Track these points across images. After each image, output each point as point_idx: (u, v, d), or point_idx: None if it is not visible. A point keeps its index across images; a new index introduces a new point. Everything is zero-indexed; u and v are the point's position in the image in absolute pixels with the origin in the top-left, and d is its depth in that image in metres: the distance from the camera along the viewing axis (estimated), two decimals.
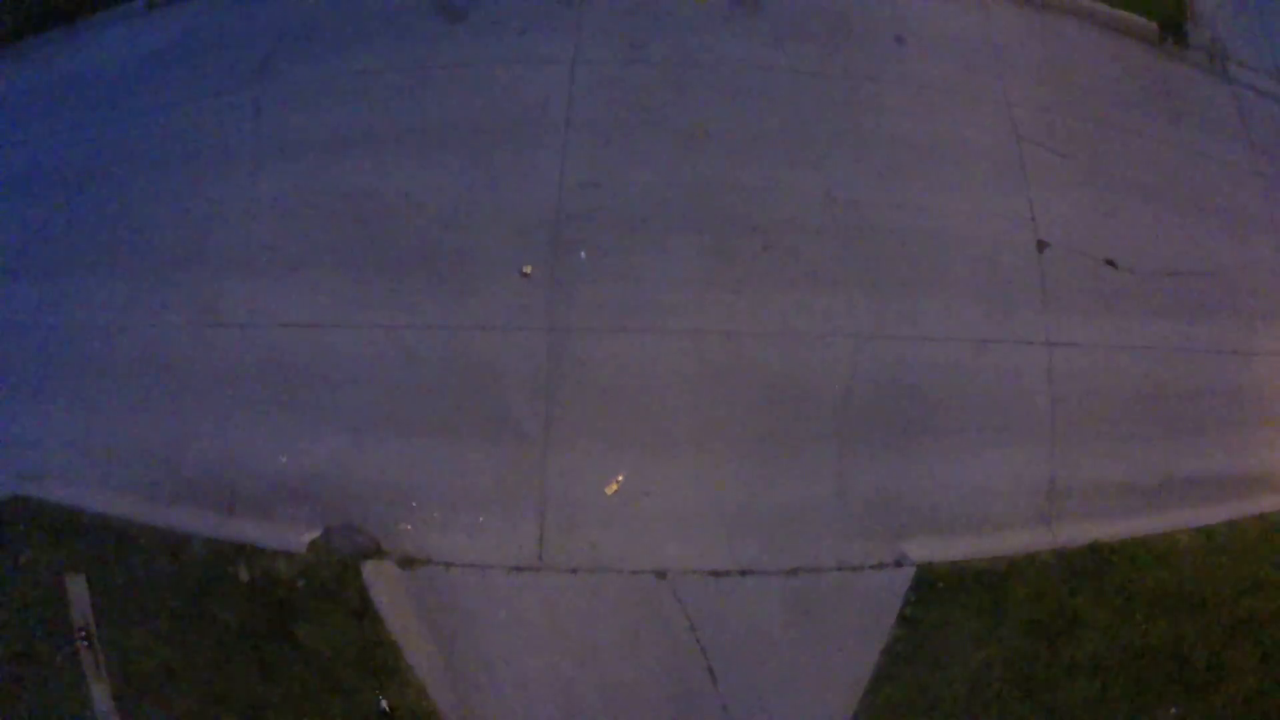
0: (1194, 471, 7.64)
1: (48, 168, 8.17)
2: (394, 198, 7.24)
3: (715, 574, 6.60)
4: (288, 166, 7.50)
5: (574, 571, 6.56)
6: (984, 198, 7.54)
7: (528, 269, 6.84)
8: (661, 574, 6.61)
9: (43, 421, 7.33)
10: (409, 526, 6.65)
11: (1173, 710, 7.42)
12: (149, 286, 7.41)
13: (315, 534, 6.76)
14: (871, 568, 6.72)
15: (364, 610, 6.62)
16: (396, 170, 7.31)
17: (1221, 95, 8.86)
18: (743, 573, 6.61)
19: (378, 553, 6.72)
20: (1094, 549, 7.28)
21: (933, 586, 6.78)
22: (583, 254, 6.90)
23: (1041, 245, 7.62)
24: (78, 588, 7.20)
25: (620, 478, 6.53)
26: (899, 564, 6.78)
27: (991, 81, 8.03)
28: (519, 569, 6.57)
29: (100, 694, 6.95)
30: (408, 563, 6.66)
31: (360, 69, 7.64)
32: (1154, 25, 8.85)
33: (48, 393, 7.39)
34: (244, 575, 6.97)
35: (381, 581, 6.65)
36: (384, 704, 6.62)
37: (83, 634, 6.95)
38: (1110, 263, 7.79)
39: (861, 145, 7.47)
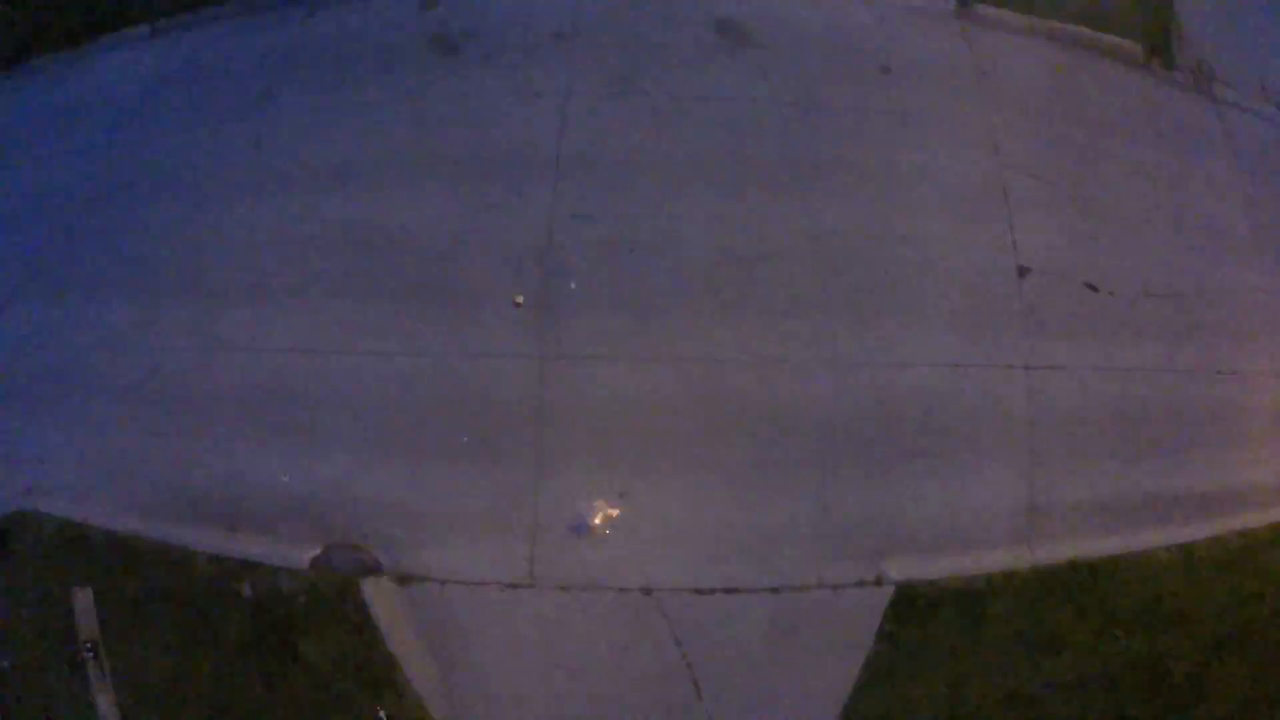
0: (1174, 489, 7.71)
1: (51, 191, 8.37)
2: (390, 228, 7.46)
3: (700, 592, 6.79)
4: (287, 196, 7.72)
5: (565, 589, 6.76)
6: (966, 226, 7.65)
7: (519, 299, 7.04)
8: (648, 591, 6.80)
9: (49, 438, 7.56)
10: (406, 545, 6.88)
11: None
12: (152, 309, 7.63)
13: (316, 552, 6.99)
14: (852, 586, 6.87)
15: (363, 625, 6.85)
16: (393, 201, 7.53)
17: (1207, 115, 8.90)
18: (727, 590, 6.79)
19: (376, 570, 6.94)
20: (1073, 566, 7.43)
21: (913, 604, 6.93)
22: (573, 284, 7.09)
23: (1022, 271, 7.74)
24: (84, 601, 7.35)
25: (614, 512, 6.77)
26: (879, 582, 6.94)
27: (976, 109, 8.14)
28: (512, 586, 6.77)
29: (105, 705, 7.14)
30: (405, 580, 6.89)
31: (357, 101, 7.87)
32: (1139, 47, 8.92)
33: (54, 411, 7.60)
34: (247, 591, 7.22)
35: (380, 598, 6.88)
36: (382, 715, 6.85)
37: (89, 646, 7.13)
38: (1091, 286, 7.89)
39: (846, 175, 7.60)
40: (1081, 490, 7.48)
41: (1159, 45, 9.01)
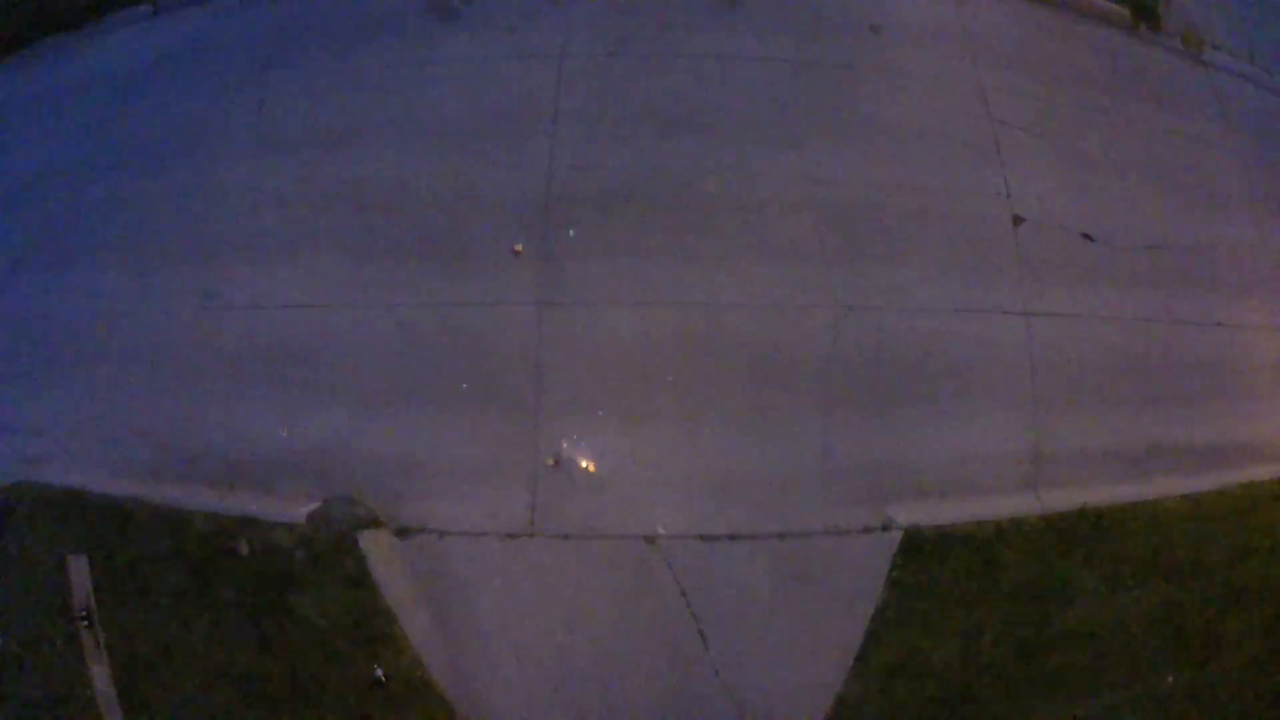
0: (1179, 440, 7.49)
1: (54, 166, 8.18)
2: (390, 185, 7.28)
3: (704, 539, 6.51)
4: (288, 158, 7.54)
5: (565, 538, 6.47)
6: (959, 175, 7.48)
7: (518, 247, 6.85)
8: (651, 539, 6.52)
9: (47, 409, 7.32)
10: (405, 497, 6.61)
11: (1169, 679, 7.24)
12: (153, 274, 7.42)
13: (314, 505, 6.70)
14: (859, 532, 6.60)
15: (361, 579, 6.54)
16: (392, 160, 7.35)
17: (1197, 78, 8.78)
18: (731, 537, 6.51)
19: (374, 523, 6.64)
20: (1083, 514, 7.18)
21: (920, 549, 6.64)
22: (571, 232, 6.91)
23: (1017, 220, 7.61)
24: (79, 569, 7.05)
25: (613, 458, 6.48)
26: (886, 528, 6.65)
27: (966, 67, 8.02)
28: (512, 536, 6.49)
29: (100, 676, 6.83)
30: (403, 532, 6.60)
31: (358, 66, 7.75)
32: (1126, 11, 8.80)
33: (52, 381, 7.36)
34: (244, 549, 6.95)
35: (378, 551, 6.58)
36: (379, 673, 6.49)
37: (83, 615, 6.84)
38: (1087, 236, 7.79)
39: (839, 128, 7.46)
40: (1087, 437, 7.27)
41: (1147, 9, 8.96)
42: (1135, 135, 8.20)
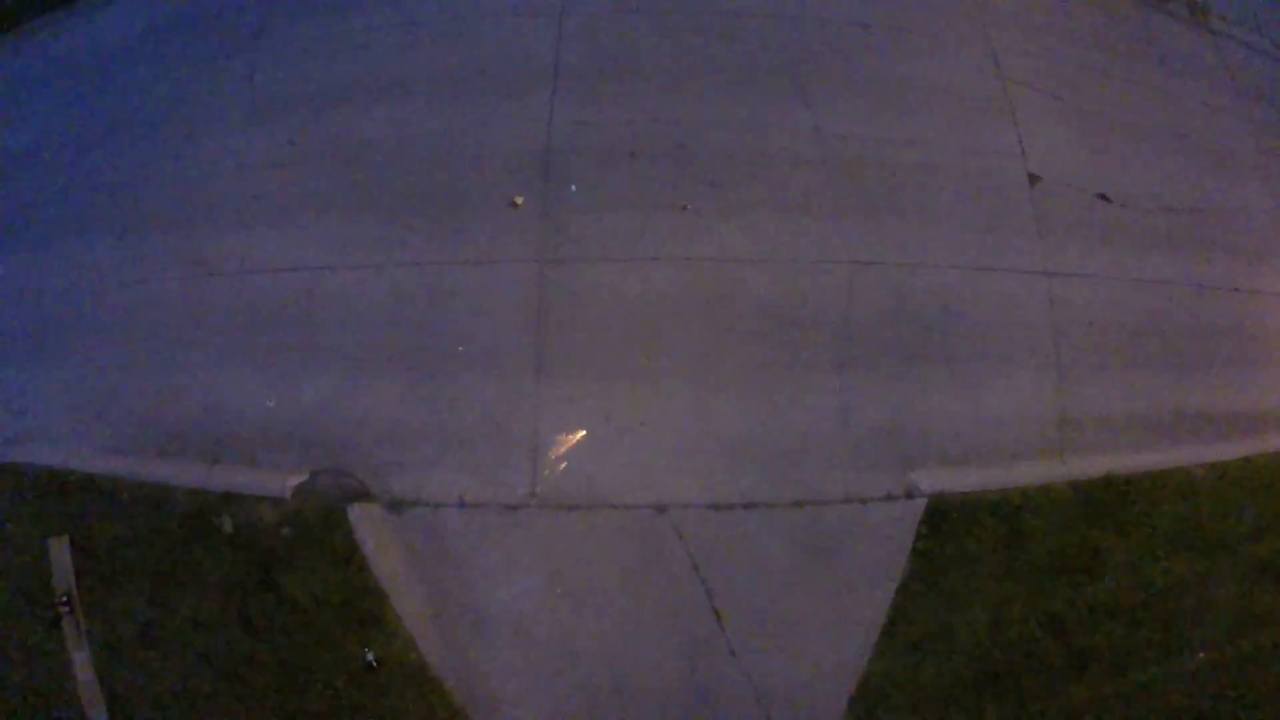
0: (1203, 406, 6.76)
1: (46, 142, 7.53)
2: (382, 144, 6.53)
3: (717, 507, 5.68)
4: (279, 121, 6.82)
5: (569, 509, 5.63)
6: (971, 132, 6.77)
7: (518, 199, 6.10)
8: (661, 508, 5.68)
9: (31, 388, 6.60)
10: (397, 468, 5.74)
11: (1200, 655, 6.48)
12: (140, 244, 6.71)
13: (301, 479, 5.87)
14: (881, 499, 5.79)
15: (350, 556, 5.68)
16: (386, 119, 6.63)
17: (1204, 45, 8.14)
18: (746, 506, 5.67)
19: (365, 496, 5.79)
20: (1109, 481, 6.41)
21: (946, 518, 5.86)
22: (573, 187, 6.14)
23: (1033, 179, 6.88)
24: (60, 551, 6.35)
25: (620, 423, 5.66)
26: (909, 495, 5.84)
27: (976, 28, 7.31)
28: (512, 507, 5.65)
29: (81, 663, 6.08)
30: (396, 505, 5.74)
31: (349, 27, 7.05)
32: None
33: (37, 359, 6.64)
34: (227, 526, 6.12)
35: (368, 525, 5.72)
36: (370, 657, 5.62)
37: (64, 600, 6.12)
38: (1103, 197, 7.05)
39: (848, 84, 6.77)
40: (1110, 402, 6.51)
41: None
42: (1146, 98, 7.52)
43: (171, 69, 7.49)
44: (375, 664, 5.63)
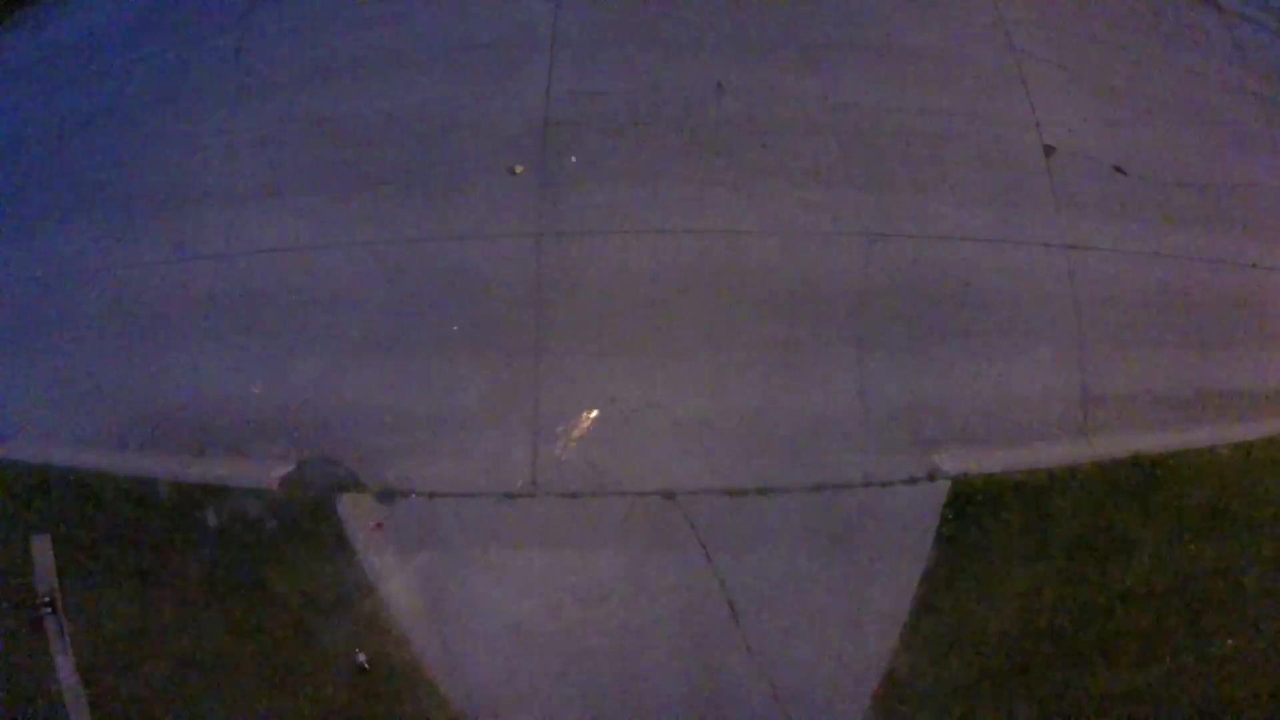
0: (1225, 385, 6.18)
1: (31, 132, 6.91)
2: (373, 118, 5.94)
3: (730, 493, 5.05)
4: (268, 99, 6.21)
5: (573, 496, 5.00)
6: (984, 102, 6.20)
7: (518, 168, 5.50)
8: (670, 495, 5.05)
9: (12, 382, 5.97)
10: (389, 454, 5.11)
11: (1229, 642, 5.91)
12: (124, 229, 6.08)
13: (288, 468, 5.23)
14: (902, 482, 5.17)
15: (339, 550, 5.03)
16: (378, 93, 6.04)
17: (1213, 22, 7.56)
18: (761, 491, 5.05)
19: (354, 485, 5.13)
20: (1135, 462, 5.82)
21: (970, 501, 5.24)
22: (573, 158, 5.54)
23: (1049, 150, 6.33)
24: (42, 550, 5.74)
25: (626, 405, 5.06)
26: (932, 478, 5.22)
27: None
28: (511, 496, 5.01)
29: (65, 667, 5.46)
30: (387, 495, 5.09)
31: (340, 2, 6.47)
32: None
33: (18, 352, 6.02)
34: (212, 521, 5.48)
35: (358, 517, 5.07)
36: (361, 658, 4.96)
37: (47, 602, 5.52)
38: (1119, 169, 6.54)
39: (855, 51, 6.21)
40: (1133, 380, 5.93)
41: None
42: (1158, 73, 6.97)
43: (160, 51, 6.89)
44: (367, 665, 4.97)
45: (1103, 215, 6.23)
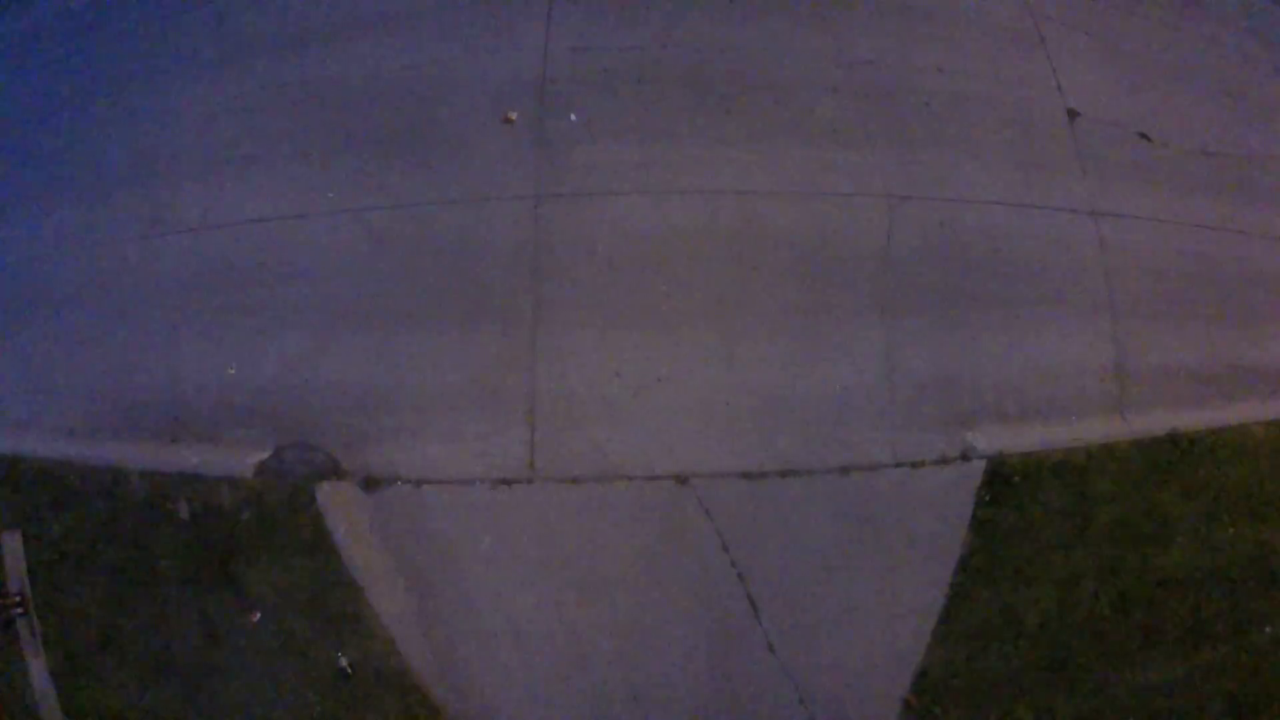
0: (1258, 360, 5.42)
1: (7, 114, 6.17)
2: (362, 81, 5.10)
3: (749, 476, 4.25)
4: (249, 65, 5.39)
5: (574, 481, 4.20)
6: (1004, 63, 5.42)
7: (511, 115, 4.66)
8: (683, 479, 4.26)
9: None
10: (373, 439, 4.28)
11: (1267, 629, 5.21)
12: (97, 206, 5.31)
13: (264, 455, 4.42)
14: (935, 463, 4.38)
15: (318, 543, 4.24)
16: (362, 55, 5.21)
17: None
18: (783, 474, 4.25)
19: (336, 472, 4.31)
20: (1173, 440, 5.06)
21: (1007, 482, 4.46)
22: (573, 116, 4.72)
23: (1072, 114, 5.55)
24: (13, 548, 5.00)
25: (634, 380, 4.15)
26: (966, 457, 4.43)
27: None
28: (506, 482, 4.21)
29: (38, 671, 4.75)
30: (371, 483, 4.28)
31: None
32: None
33: None
34: (184, 512, 4.65)
35: (339, 506, 4.26)
36: (344, 663, 4.16)
37: (18, 602, 4.83)
38: (1144, 136, 5.78)
39: (871, 7, 5.39)
40: (1167, 353, 5.16)
41: None
42: (1179, 41, 6.21)
43: (138, 25, 6.10)
44: (350, 670, 4.17)
45: (1129, 182, 5.45)
